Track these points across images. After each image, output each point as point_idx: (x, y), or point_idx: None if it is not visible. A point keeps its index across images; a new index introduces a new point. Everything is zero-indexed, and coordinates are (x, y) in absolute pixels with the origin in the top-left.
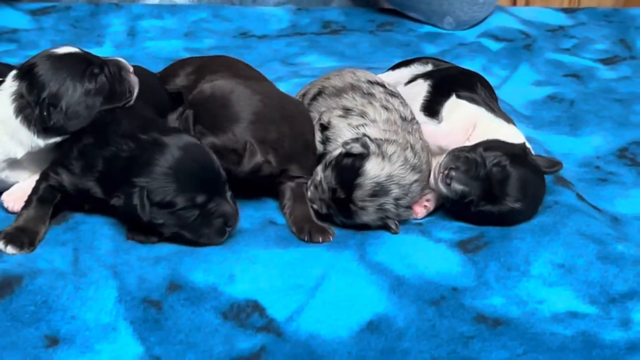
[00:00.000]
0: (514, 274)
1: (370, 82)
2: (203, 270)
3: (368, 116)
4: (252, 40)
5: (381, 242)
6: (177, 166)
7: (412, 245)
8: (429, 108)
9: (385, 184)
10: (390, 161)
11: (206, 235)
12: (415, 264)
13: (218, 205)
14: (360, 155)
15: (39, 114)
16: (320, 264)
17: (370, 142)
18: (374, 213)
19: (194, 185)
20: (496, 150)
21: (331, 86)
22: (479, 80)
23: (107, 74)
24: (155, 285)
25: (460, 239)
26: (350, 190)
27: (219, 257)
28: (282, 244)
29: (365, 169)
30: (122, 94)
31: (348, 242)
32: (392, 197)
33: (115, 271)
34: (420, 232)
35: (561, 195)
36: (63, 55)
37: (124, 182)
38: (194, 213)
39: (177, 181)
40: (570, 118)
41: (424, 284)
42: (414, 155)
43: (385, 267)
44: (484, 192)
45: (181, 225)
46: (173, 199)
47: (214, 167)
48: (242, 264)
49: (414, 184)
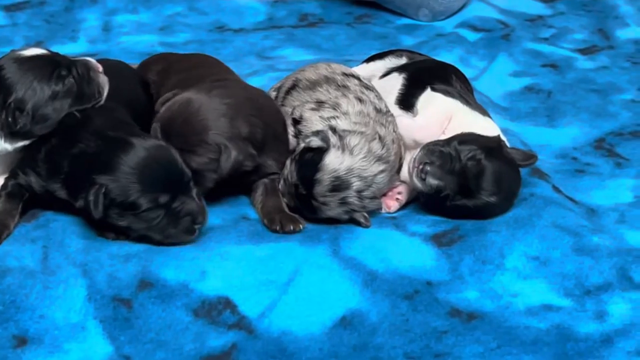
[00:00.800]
0: (489, 267)
1: (345, 74)
2: (174, 267)
3: (340, 108)
4: (228, 34)
5: (355, 237)
6: (140, 166)
7: (385, 239)
8: (403, 101)
9: (345, 177)
10: (351, 153)
11: (174, 235)
12: (389, 258)
13: (183, 203)
14: (320, 150)
15: (5, 119)
16: (293, 259)
17: (331, 135)
18: (337, 207)
19: (157, 185)
20: (471, 143)
21: (305, 79)
22: (454, 72)
23: (75, 75)
24: (125, 283)
25: (434, 233)
26: (310, 185)
27: (190, 253)
28: (255, 240)
29: (323, 164)
30: (91, 95)
31: (321, 237)
32: (354, 190)
33: (85, 269)
34: (394, 225)
35: (537, 187)
36: (30, 58)
37: (86, 181)
38: (159, 214)
39: (140, 181)
40: (548, 109)
41: (397, 279)
42: (381, 146)
43: (358, 261)
44: (459, 187)
45: (147, 227)
46: (136, 200)
47: (177, 165)
48: (213, 260)
49: (380, 174)
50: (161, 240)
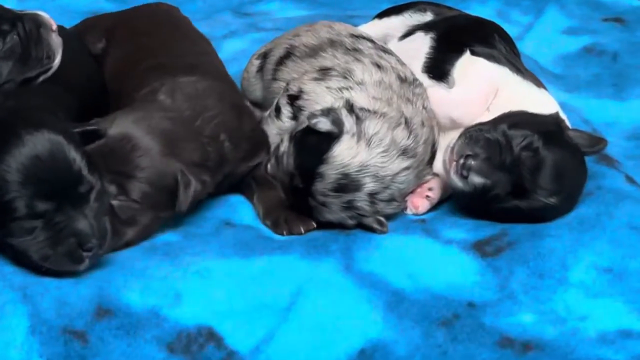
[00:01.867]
0: (548, 283)
1: (354, 35)
2: (140, 289)
3: (354, 76)
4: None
5: (373, 246)
6: (21, 160)
7: (413, 249)
8: (434, 68)
9: (355, 176)
10: (368, 145)
11: (52, 259)
12: (418, 274)
13: (70, 219)
14: (329, 135)
15: None
16: (294, 276)
17: (346, 116)
18: (339, 211)
19: (36, 186)
20: (525, 127)
21: (303, 45)
22: (496, 30)
23: (20, 32)
24: (78, 311)
25: (476, 239)
26: (309, 179)
27: (160, 271)
28: (243, 252)
29: (331, 155)
30: (38, 59)
31: (330, 247)
32: (365, 192)
33: (25, 293)
34: (424, 231)
35: (605, 178)
36: None
37: None
38: (35, 225)
39: (18, 180)
40: (614, 76)
41: (430, 300)
42: (408, 133)
43: (379, 278)
44: (511, 185)
45: (21, 241)
46: (9, 202)
47: (70, 167)
48: (190, 279)
49: (402, 173)
50: (37, 261)
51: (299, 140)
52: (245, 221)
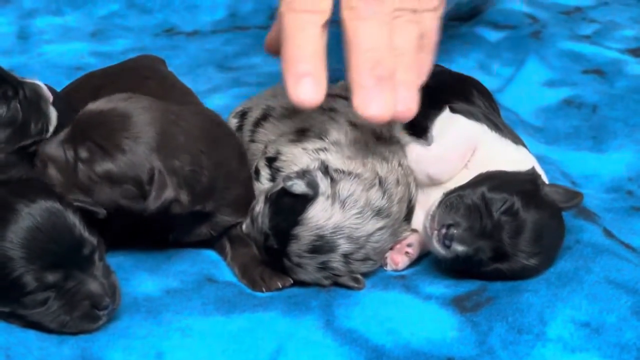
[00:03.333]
0: (527, 338)
1: (331, 95)
2: (122, 348)
3: (329, 136)
4: (179, 38)
5: (353, 303)
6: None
7: (393, 305)
8: (413, 125)
9: (330, 237)
10: (342, 207)
11: (70, 324)
12: (398, 330)
13: (80, 283)
14: (304, 196)
15: None
16: (275, 334)
17: (322, 179)
18: (314, 272)
19: (43, 259)
20: (503, 189)
21: (280, 106)
22: (475, 86)
23: (22, 100)
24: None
25: (455, 294)
26: (284, 241)
27: (142, 329)
28: (224, 309)
29: (306, 216)
30: (36, 130)
31: (310, 304)
32: (340, 253)
33: (7, 354)
34: (404, 287)
35: (584, 232)
36: None
37: None
38: (48, 296)
39: (22, 255)
40: (593, 129)
41: (410, 356)
42: (382, 194)
43: (359, 334)
44: (492, 250)
45: (36, 313)
46: (17, 279)
47: (72, 233)
48: (172, 337)
49: (377, 232)
50: (57, 329)
51: (274, 202)
52: (227, 277)
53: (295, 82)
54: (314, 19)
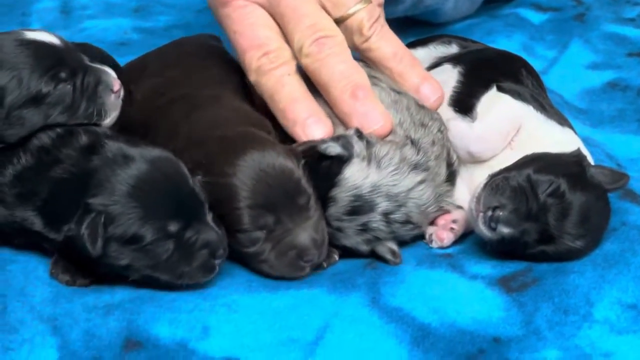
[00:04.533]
0: (573, 319)
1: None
2: (168, 321)
3: None
4: None
5: (399, 280)
6: (142, 184)
7: (439, 284)
8: (460, 102)
9: (368, 197)
10: (378, 166)
11: (188, 274)
12: (444, 309)
13: (198, 232)
14: (340, 159)
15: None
16: (321, 311)
17: (356, 141)
18: (355, 235)
19: (165, 209)
20: (549, 171)
21: None
22: (524, 65)
23: (77, 83)
24: (107, 343)
25: (501, 275)
26: (323, 205)
27: (189, 304)
28: (270, 286)
29: (342, 177)
30: (87, 114)
31: (356, 281)
32: (379, 212)
33: (54, 325)
34: (450, 266)
35: (630, 214)
36: (31, 42)
37: (75, 207)
38: (168, 247)
39: (143, 206)
40: (638, 112)
41: (456, 335)
42: (416, 150)
43: (405, 313)
44: (537, 233)
45: (153, 265)
46: (138, 231)
47: (188, 183)
48: (219, 312)
49: (417, 187)
50: (171, 280)
51: (311, 167)
52: None
53: (303, 130)
54: (285, 70)
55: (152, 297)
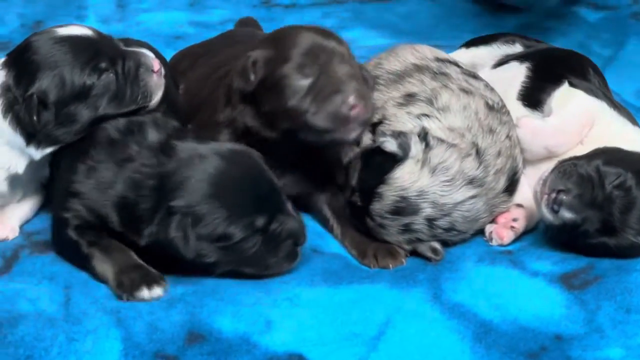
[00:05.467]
0: (635, 318)
1: (440, 59)
2: (231, 315)
3: (438, 101)
4: (277, 10)
5: (460, 277)
6: (223, 182)
7: (500, 281)
8: (530, 97)
9: (413, 200)
10: (432, 172)
11: (273, 265)
12: (505, 305)
13: (282, 223)
14: (394, 157)
15: (26, 113)
16: (383, 306)
17: (415, 143)
18: (396, 234)
19: (250, 205)
20: (618, 164)
21: (387, 72)
22: (590, 64)
23: (118, 70)
24: (170, 336)
25: (563, 272)
26: (368, 198)
27: (251, 297)
28: (332, 280)
29: (392, 176)
30: (133, 98)
31: (417, 277)
32: (423, 217)
33: (118, 317)
34: (510, 262)
35: None
36: (65, 38)
37: (156, 209)
38: (256, 241)
39: (228, 205)
40: None
41: (518, 331)
42: (477, 164)
43: (466, 309)
44: (600, 223)
45: (241, 260)
46: (226, 230)
47: (266, 174)
48: (281, 306)
49: (468, 201)
50: (257, 272)
51: (365, 158)
52: (333, 249)
53: None
54: None
55: (213, 291)
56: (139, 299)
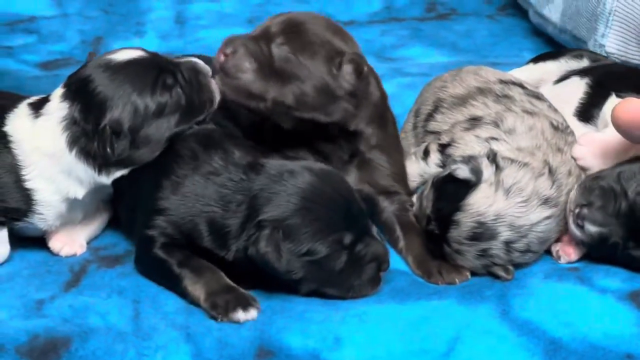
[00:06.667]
0: None
1: (503, 81)
2: (300, 331)
3: (503, 124)
4: None
5: (528, 293)
6: (315, 198)
7: (568, 298)
8: (584, 112)
9: (491, 225)
10: (506, 195)
11: (357, 288)
12: (574, 323)
13: (367, 245)
14: (467, 183)
15: (99, 146)
16: (451, 322)
17: (486, 166)
18: (474, 259)
19: (338, 221)
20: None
21: (450, 96)
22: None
23: (182, 82)
24: (240, 351)
25: (631, 290)
26: (445, 226)
27: (319, 315)
28: (399, 297)
29: (467, 202)
30: (201, 106)
31: (484, 293)
32: (501, 241)
33: (188, 333)
34: (578, 279)
35: None
36: (125, 64)
37: (245, 224)
38: (342, 259)
39: (318, 219)
40: None
41: (588, 350)
42: (551, 183)
43: (535, 326)
44: (628, 232)
45: (326, 278)
46: (315, 244)
47: (354, 196)
48: (349, 323)
49: (543, 222)
50: (340, 294)
51: (438, 186)
52: (398, 266)
53: None
54: None
55: (282, 308)
56: (234, 320)
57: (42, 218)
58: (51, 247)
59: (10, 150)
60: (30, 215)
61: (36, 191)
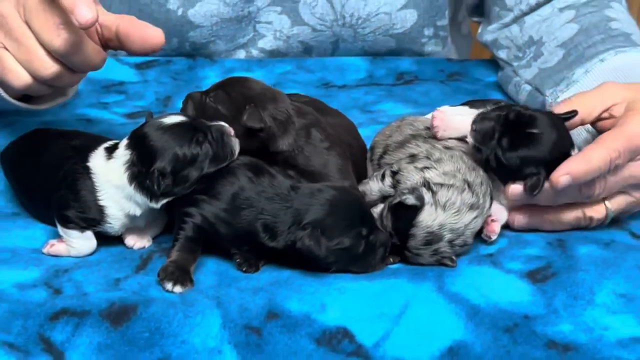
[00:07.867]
0: (580, 303)
1: (429, 128)
2: (297, 300)
3: (433, 156)
4: (333, 89)
5: (457, 274)
6: (339, 204)
7: (485, 276)
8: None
9: (437, 232)
10: (443, 209)
11: (373, 265)
12: (488, 294)
13: (377, 235)
14: (415, 207)
15: (150, 184)
16: (403, 294)
17: (425, 192)
18: (429, 257)
19: (356, 220)
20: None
21: (394, 142)
22: None
23: (210, 140)
24: (255, 314)
25: (529, 269)
26: (404, 239)
27: (311, 288)
28: (369, 277)
29: (418, 221)
30: (224, 157)
31: (427, 274)
32: (446, 241)
33: (219, 301)
34: (492, 263)
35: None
36: (171, 126)
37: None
38: (361, 247)
39: (344, 219)
40: None
41: (497, 313)
42: (471, 194)
43: (462, 297)
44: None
45: (351, 260)
46: (343, 237)
47: (365, 202)
48: (332, 294)
49: (473, 221)
50: (362, 270)
51: (394, 211)
52: None
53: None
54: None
55: (286, 282)
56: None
57: (110, 226)
58: (126, 243)
59: (91, 179)
60: (103, 224)
61: (107, 208)
